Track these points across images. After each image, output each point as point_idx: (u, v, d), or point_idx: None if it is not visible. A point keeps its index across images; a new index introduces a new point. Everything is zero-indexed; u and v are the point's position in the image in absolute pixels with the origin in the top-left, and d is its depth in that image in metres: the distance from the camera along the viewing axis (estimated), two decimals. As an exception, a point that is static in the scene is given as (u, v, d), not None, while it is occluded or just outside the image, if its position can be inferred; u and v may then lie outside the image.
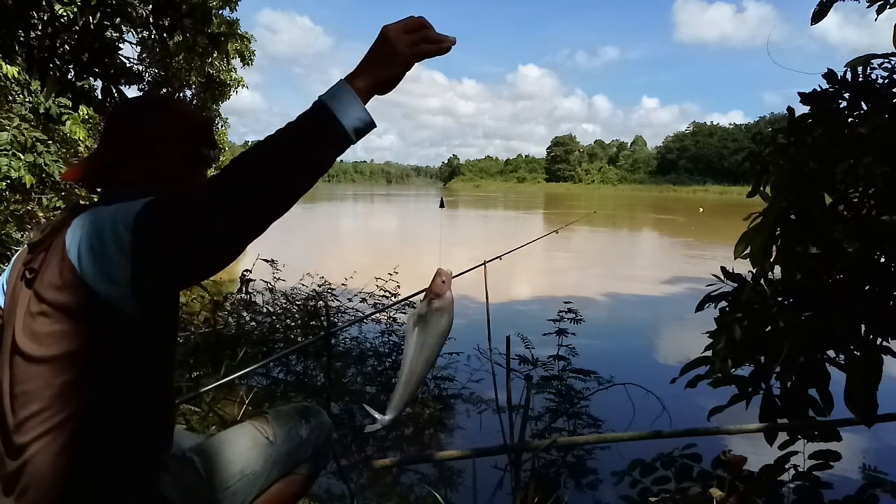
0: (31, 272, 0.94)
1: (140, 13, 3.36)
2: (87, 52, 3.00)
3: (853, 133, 2.04)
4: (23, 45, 2.92)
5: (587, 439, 3.23)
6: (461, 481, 3.30)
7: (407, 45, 0.86)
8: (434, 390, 4.61)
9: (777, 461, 1.89)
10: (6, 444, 0.91)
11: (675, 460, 1.94)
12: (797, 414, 2.03)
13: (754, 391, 2.06)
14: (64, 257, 0.89)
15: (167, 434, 1.06)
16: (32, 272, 0.94)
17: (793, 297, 2.22)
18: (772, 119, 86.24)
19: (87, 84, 3.22)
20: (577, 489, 3.43)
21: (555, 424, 3.93)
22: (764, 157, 2.34)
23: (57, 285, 0.88)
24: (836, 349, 1.99)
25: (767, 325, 2.09)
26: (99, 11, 2.97)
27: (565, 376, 4.22)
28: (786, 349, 1.95)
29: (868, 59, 2.25)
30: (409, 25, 0.87)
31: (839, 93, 2.25)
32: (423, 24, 0.88)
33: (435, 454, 2.77)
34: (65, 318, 0.88)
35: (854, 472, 2.24)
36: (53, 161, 6.10)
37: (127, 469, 0.94)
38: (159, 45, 3.47)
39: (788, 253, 2.07)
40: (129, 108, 1.14)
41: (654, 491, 1.93)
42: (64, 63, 3.04)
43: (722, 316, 2.21)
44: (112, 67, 3.13)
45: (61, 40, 3.04)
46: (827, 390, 2.04)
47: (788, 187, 2.05)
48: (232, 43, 3.98)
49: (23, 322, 0.91)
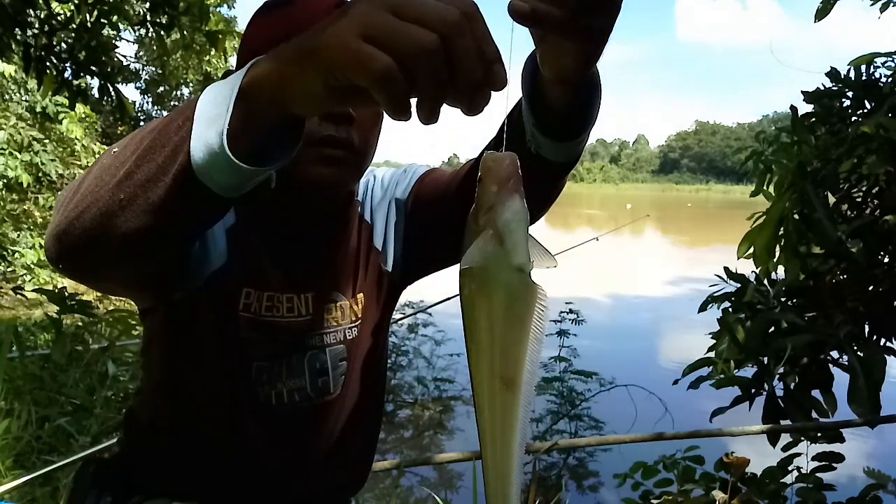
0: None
1: (137, 11, 3.35)
2: (84, 51, 2.99)
3: (857, 132, 2.02)
4: (19, 43, 2.91)
5: (589, 441, 3.21)
6: (461, 484, 3.28)
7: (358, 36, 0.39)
8: (434, 392, 4.59)
9: (780, 463, 1.87)
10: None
11: (678, 462, 1.93)
12: (800, 415, 2.02)
13: (757, 392, 2.05)
14: None
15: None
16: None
17: (796, 297, 2.21)
18: (775, 118, 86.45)
19: (84, 82, 3.21)
20: (579, 491, 3.41)
21: (556, 426, 3.91)
22: (767, 157, 2.33)
23: None
24: (840, 350, 1.98)
25: (770, 326, 2.08)
26: (96, 9, 2.95)
27: (567, 378, 4.21)
28: (789, 350, 1.94)
29: (872, 57, 2.24)
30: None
31: (843, 91, 2.23)
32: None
33: (435, 457, 2.75)
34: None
35: (857, 474, 2.23)
36: (50, 160, 6.08)
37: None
38: (157, 42, 3.45)
39: (791, 253, 2.06)
40: None
41: (657, 493, 1.91)
42: (61, 61, 3.02)
43: (725, 316, 2.19)
44: (109, 66, 3.11)
45: (58, 38, 3.02)
46: (830, 391, 2.03)
47: (792, 186, 2.03)
48: (230, 40, 3.96)
49: None
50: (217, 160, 0.46)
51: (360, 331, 0.87)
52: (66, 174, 6.84)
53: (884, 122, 1.91)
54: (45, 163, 6.07)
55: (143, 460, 0.87)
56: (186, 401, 0.80)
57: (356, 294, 0.87)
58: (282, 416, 0.82)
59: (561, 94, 0.58)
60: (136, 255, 0.54)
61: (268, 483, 0.83)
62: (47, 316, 3.49)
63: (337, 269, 0.85)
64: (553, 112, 0.60)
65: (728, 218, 23.99)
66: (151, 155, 0.49)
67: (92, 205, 0.51)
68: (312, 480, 0.86)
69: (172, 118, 0.49)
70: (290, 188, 0.73)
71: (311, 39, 0.42)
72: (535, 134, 0.62)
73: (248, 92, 0.46)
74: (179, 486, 0.83)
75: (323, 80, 0.41)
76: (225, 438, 0.80)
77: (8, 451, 2.70)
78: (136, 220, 0.50)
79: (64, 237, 0.53)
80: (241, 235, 0.77)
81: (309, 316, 0.82)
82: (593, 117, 0.61)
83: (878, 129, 1.93)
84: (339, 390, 0.86)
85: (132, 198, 0.49)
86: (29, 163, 6.01)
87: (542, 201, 0.73)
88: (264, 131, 0.47)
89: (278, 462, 0.82)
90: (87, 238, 0.52)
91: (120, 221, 0.50)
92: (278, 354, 0.80)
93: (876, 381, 1.81)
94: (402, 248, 0.90)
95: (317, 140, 0.70)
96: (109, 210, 0.50)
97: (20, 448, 2.77)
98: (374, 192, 0.91)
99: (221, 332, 0.77)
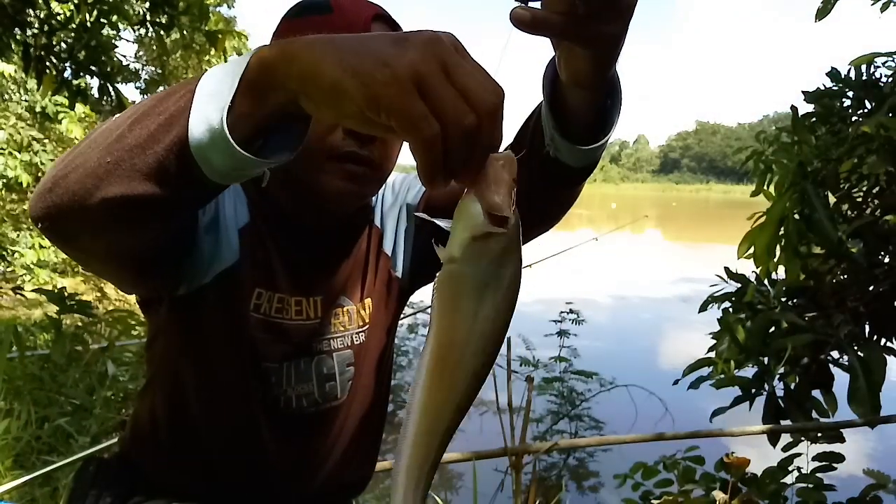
0: None
1: (137, 10, 3.34)
2: (83, 50, 2.98)
3: (857, 132, 2.02)
4: (19, 42, 2.90)
5: (589, 442, 3.21)
6: (461, 484, 3.28)
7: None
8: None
9: (780, 463, 1.87)
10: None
11: (678, 463, 1.92)
12: (800, 416, 2.01)
13: (757, 393, 2.05)
14: None
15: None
16: None
17: (796, 297, 2.21)
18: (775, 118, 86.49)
19: (84, 82, 3.20)
20: (579, 492, 3.41)
21: (556, 427, 3.91)
22: (767, 156, 2.33)
23: None
24: (840, 350, 1.98)
25: (771, 326, 2.08)
26: (96, 9, 2.95)
27: (567, 378, 4.20)
28: (789, 350, 1.94)
29: (872, 57, 2.24)
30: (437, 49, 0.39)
31: (843, 91, 2.23)
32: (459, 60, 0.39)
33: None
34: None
35: (858, 474, 2.23)
36: (49, 160, 6.09)
37: None
38: (156, 42, 3.45)
39: (792, 253, 2.05)
40: None
41: (657, 494, 1.91)
42: (60, 61, 3.02)
43: (725, 316, 2.19)
44: (109, 65, 3.11)
45: (58, 38, 3.02)
46: (831, 392, 2.03)
47: (792, 186, 2.03)
48: (229, 40, 3.97)
49: None
50: (214, 139, 0.44)
51: (367, 336, 0.87)
52: (65, 174, 6.82)
53: (884, 121, 1.91)
54: (44, 163, 6.06)
55: (145, 459, 0.86)
56: (190, 397, 0.79)
57: (364, 299, 0.86)
58: (288, 420, 0.81)
59: (580, 98, 0.58)
60: (110, 223, 0.52)
61: (272, 484, 0.82)
62: (47, 316, 3.49)
63: (345, 273, 0.85)
64: (572, 116, 0.60)
65: (728, 218, 23.99)
66: (145, 121, 0.47)
67: (80, 165, 0.49)
68: (317, 483, 0.86)
69: (175, 88, 0.48)
70: (309, 199, 0.74)
71: (356, 56, 0.39)
72: (555, 137, 0.62)
73: (259, 71, 0.43)
74: (181, 486, 0.83)
75: (359, 107, 0.39)
76: (230, 438, 0.80)
77: (7, 452, 2.70)
78: (117, 185, 0.48)
79: (48, 196, 0.51)
80: (253, 236, 0.77)
81: (317, 319, 0.82)
82: (613, 122, 0.61)
83: (879, 128, 1.93)
84: (346, 395, 0.85)
85: (118, 161, 0.47)
86: (28, 163, 6.01)
87: (559, 206, 0.73)
88: (267, 118, 0.45)
89: (283, 464, 0.82)
90: (68, 198, 0.50)
91: (102, 185, 0.48)
92: (287, 357, 0.80)
93: (876, 381, 1.80)
94: (412, 254, 0.90)
95: (339, 155, 0.69)
96: (94, 172, 0.48)
97: (20, 448, 2.77)
98: (385, 197, 0.90)
99: (232, 331, 0.76)
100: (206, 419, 0.79)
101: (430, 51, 0.38)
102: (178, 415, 0.81)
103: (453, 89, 0.38)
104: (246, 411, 0.78)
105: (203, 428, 0.80)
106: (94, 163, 0.49)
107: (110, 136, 0.49)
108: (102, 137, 0.50)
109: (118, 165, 0.47)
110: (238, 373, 0.77)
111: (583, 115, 0.59)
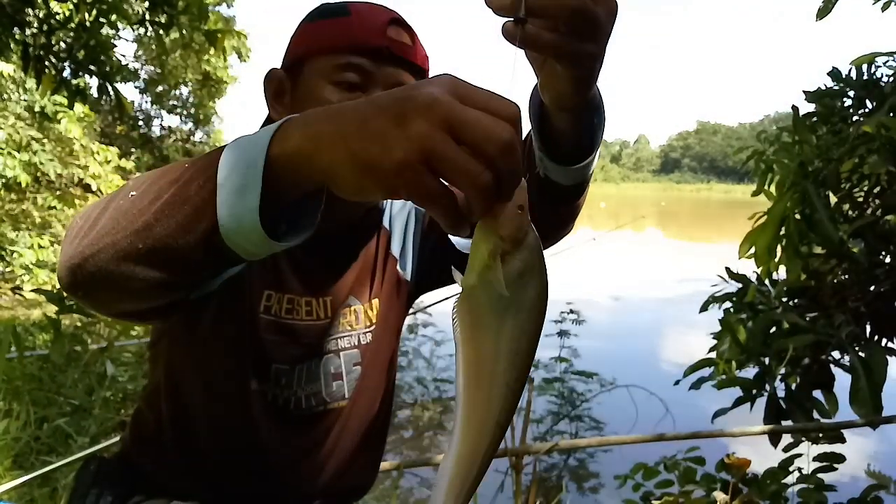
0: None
1: (136, 10, 3.34)
2: (82, 50, 2.98)
3: (858, 131, 2.02)
4: (18, 42, 2.90)
5: (589, 442, 3.20)
6: (461, 484, 3.28)
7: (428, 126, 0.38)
8: (434, 392, 4.59)
9: (781, 464, 1.86)
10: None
11: (679, 463, 1.92)
12: (802, 416, 2.01)
13: (758, 393, 2.04)
14: None
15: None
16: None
17: (797, 297, 2.20)
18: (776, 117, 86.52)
19: (83, 82, 3.20)
20: (580, 492, 3.41)
21: (557, 427, 3.90)
22: (768, 156, 2.32)
23: None
24: (841, 350, 1.97)
25: (772, 326, 2.07)
26: (95, 8, 2.94)
27: (567, 378, 4.20)
28: (790, 350, 1.93)
29: (873, 57, 2.23)
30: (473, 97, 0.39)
31: (844, 91, 2.23)
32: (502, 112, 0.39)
33: (435, 457, 2.74)
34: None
35: (859, 475, 2.22)
36: (49, 160, 6.08)
37: None
38: (155, 42, 3.44)
39: (793, 253, 2.05)
40: None
41: (658, 494, 1.90)
42: (59, 60, 3.02)
43: (726, 317, 2.19)
44: (108, 65, 3.11)
45: (57, 38, 3.01)
46: (832, 392, 2.02)
47: (793, 186, 2.03)
48: (229, 40, 3.96)
49: None
50: (248, 234, 0.46)
51: (373, 336, 0.87)
52: (64, 174, 6.84)
53: (885, 121, 1.91)
54: (43, 162, 6.07)
55: (147, 460, 0.85)
56: (195, 399, 0.79)
57: (371, 299, 0.87)
58: (295, 420, 0.81)
59: (564, 121, 0.60)
60: (152, 293, 0.55)
61: (276, 485, 0.82)
62: (46, 316, 3.49)
63: (354, 273, 0.85)
64: (557, 137, 0.62)
65: (729, 217, 24.02)
66: (171, 211, 0.48)
67: (109, 246, 0.51)
68: (321, 483, 0.86)
69: (192, 175, 0.49)
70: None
71: (361, 142, 0.40)
72: (543, 158, 0.64)
73: (277, 164, 0.44)
74: (183, 488, 0.82)
75: (382, 193, 0.42)
76: (235, 438, 0.80)
77: (6, 452, 2.70)
78: (157, 269, 0.51)
79: (78, 271, 0.54)
80: None
81: (327, 319, 0.82)
82: (597, 141, 0.63)
83: (880, 128, 1.93)
84: (352, 395, 0.85)
85: (152, 249, 0.50)
86: (27, 162, 6.01)
87: (559, 224, 0.76)
88: (290, 203, 0.48)
89: (288, 464, 0.82)
90: (102, 276, 0.53)
91: (138, 269, 0.51)
92: (298, 359, 0.80)
93: (877, 381, 1.80)
94: (419, 257, 0.91)
95: None
96: (127, 256, 0.51)
97: (19, 448, 2.76)
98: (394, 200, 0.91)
99: (241, 333, 0.76)
100: (211, 421, 0.79)
101: (432, 117, 0.38)
102: (182, 416, 0.80)
103: (463, 154, 0.38)
104: (252, 412, 0.78)
105: (207, 429, 0.79)
106: (125, 247, 0.51)
107: (135, 221, 0.50)
108: (126, 220, 0.51)
109: (153, 253, 0.50)
110: (245, 374, 0.77)
111: (568, 136, 0.61)
